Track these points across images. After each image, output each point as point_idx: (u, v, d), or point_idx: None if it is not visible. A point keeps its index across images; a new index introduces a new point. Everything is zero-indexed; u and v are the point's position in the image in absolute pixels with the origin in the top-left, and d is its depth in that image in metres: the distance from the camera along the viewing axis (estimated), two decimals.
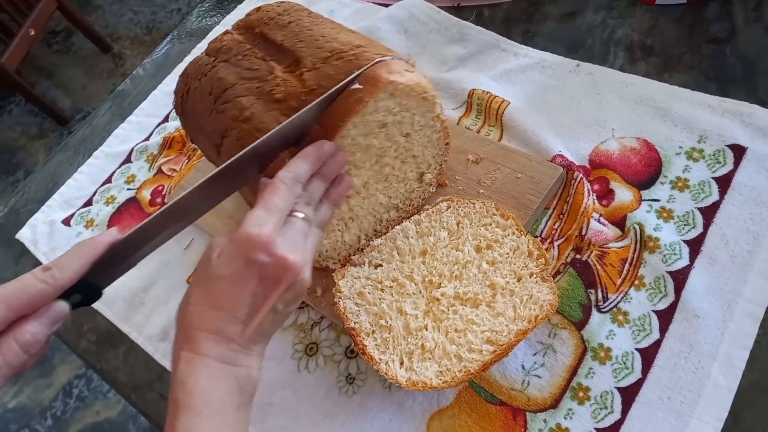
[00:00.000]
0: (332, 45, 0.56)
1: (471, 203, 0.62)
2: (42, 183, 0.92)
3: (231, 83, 0.59)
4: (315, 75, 0.55)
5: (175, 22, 2.38)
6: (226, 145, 0.58)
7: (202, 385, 0.43)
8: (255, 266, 0.44)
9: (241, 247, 0.45)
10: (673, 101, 0.68)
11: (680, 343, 0.55)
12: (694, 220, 0.60)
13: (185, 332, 0.44)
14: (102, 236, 0.47)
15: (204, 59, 0.64)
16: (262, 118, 0.55)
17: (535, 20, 0.82)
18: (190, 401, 0.42)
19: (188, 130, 0.69)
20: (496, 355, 0.52)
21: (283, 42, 0.59)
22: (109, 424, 1.61)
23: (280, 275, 0.45)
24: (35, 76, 2.49)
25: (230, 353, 0.44)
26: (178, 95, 0.67)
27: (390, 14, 0.88)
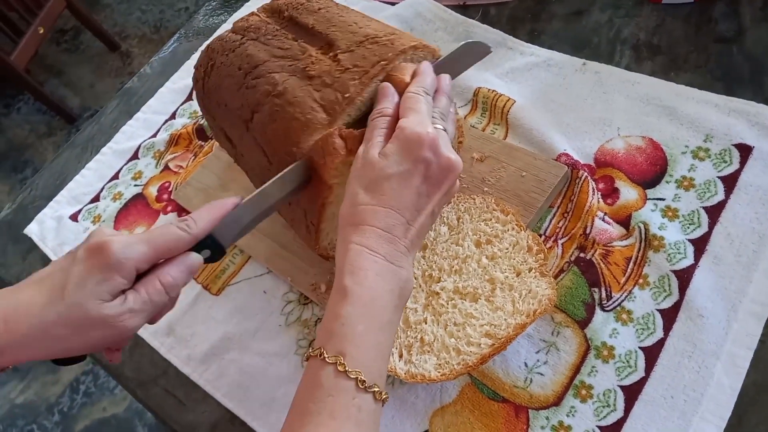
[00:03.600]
0: (366, 30, 0.57)
1: (471, 198, 0.62)
2: (50, 179, 0.93)
3: (262, 60, 0.59)
4: (350, 56, 0.55)
5: (183, 20, 2.39)
6: (257, 120, 0.57)
7: (371, 279, 0.44)
8: (422, 164, 0.47)
9: (411, 145, 0.47)
10: (679, 100, 0.67)
11: (684, 342, 0.55)
12: (699, 220, 0.60)
13: (357, 228, 0.46)
14: (227, 199, 0.51)
15: (231, 36, 0.64)
16: (295, 93, 0.55)
17: (542, 19, 0.82)
18: (359, 291, 0.43)
19: (207, 106, 0.68)
20: (495, 349, 0.53)
21: (315, 26, 0.60)
22: (116, 420, 1.62)
23: (444, 175, 0.48)
24: (44, 74, 2.50)
25: (396, 253, 0.46)
26: (199, 69, 0.66)
27: (396, 12, 0.88)
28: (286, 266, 0.69)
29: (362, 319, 0.43)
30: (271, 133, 0.56)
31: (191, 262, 0.49)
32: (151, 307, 0.47)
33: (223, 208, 0.51)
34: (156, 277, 0.47)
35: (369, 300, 0.44)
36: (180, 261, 0.48)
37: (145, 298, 0.46)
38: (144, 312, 0.47)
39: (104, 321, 0.44)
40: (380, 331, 0.44)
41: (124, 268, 0.45)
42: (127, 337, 0.48)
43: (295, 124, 0.54)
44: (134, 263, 0.46)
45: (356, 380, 0.42)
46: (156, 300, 0.47)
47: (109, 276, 0.44)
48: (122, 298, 0.45)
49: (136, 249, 0.46)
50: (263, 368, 0.65)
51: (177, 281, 0.48)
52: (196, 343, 0.69)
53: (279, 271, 0.69)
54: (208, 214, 0.50)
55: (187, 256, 0.49)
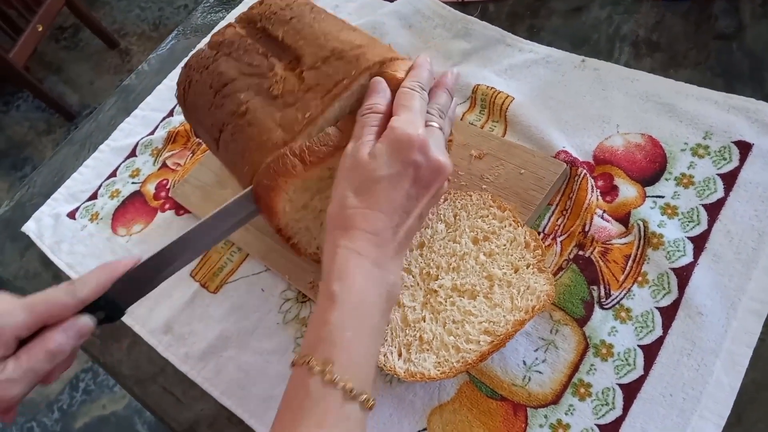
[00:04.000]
0: (333, 44, 0.56)
1: (468, 195, 0.62)
2: (48, 177, 0.93)
3: (232, 78, 0.59)
4: (315, 74, 0.55)
5: (182, 18, 2.39)
6: (222, 140, 0.58)
7: (359, 283, 0.44)
8: (412, 167, 0.46)
9: (401, 148, 0.46)
10: (678, 97, 0.67)
11: (683, 340, 0.54)
12: (698, 217, 0.60)
13: (345, 232, 0.45)
14: (124, 259, 0.50)
15: (206, 52, 0.64)
16: (256, 113, 0.55)
17: (541, 15, 0.81)
18: (347, 297, 0.43)
19: (190, 122, 0.69)
20: (494, 346, 0.52)
21: (284, 38, 0.59)
22: (116, 417, 1.62)
23: (433, 177, 0.47)
24: (43, 72, 2.50)
25: (384, 257, 0.45)
26: (180, 87, 0.67)
27: (395, 9, 0.87)
28: (283, 264, 0.69)
29: (351, 325, 0.43)
30: (231, 152, 0.56)
31: (79, 326, 0.47)
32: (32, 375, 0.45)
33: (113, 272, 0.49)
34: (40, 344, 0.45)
35: (357, 305, 0.43)
36: (68, 326, 0.46)
37: (25, 367, 0.44)
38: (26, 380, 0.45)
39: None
40: (369, 337, 0.44)
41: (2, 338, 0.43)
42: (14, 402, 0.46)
43: (251, 144, 0.54)
44: (12, 331, 0.44)
45: (345, 388, 0.41)
46: (38, 368, 0.45)
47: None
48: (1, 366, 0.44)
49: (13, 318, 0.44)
50: (261, 366, 0.65)
51: (63, 347, 0.46)
52: (193, 341, 0.69)
53: (277, 268, 0.69)
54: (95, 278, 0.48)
55: (76, 320, 0.47)
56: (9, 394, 0.44)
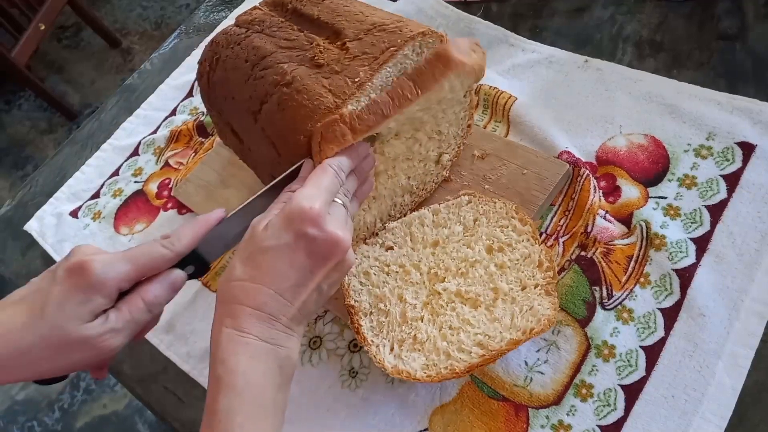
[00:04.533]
0: (372, 19, 0.57)
1: (492, 202, 0.61)
2: (50, 176, 0.93)
3: (269, 51, 0.58)
4: (358, 44, 0.55)
5: (184, 17, 2.39)
6: (265, 111, 0.57)
7: (243, 363, 0.42)
8: (304, 240, 0.44)
9: (292, 220, 0.45)
10: (681, 98, 0.67)
11: (685, 341, 0.54)
12: (701, 218, 0.60)
13: (228, 307, 0.44)
14: (211, 213, 0.51)
15: (235, 30, 0.64)
16: (304, 81, 0.54)
17: (544, 15, 0.81)
18: (232, 380, 0.41)
19: (212, 100, 0.68)
20: (484, 360, 0.52)
21: (320, 17, 0.59)
22: (116, 417, 1.62)
23: (329, 251, 0.45)
24: (45, 71, 2.50)
25: (273, 332, 0.44)
26: (204, 63, 0.66)
27: (398, 9, 0.87)
28: None
29: (240, 409, 0.41)
30: (279, 122, 0.56)
31: (174, 279, 0.48)
32: (133, 326, 0.46)
33: (206, 224, 0.50)
34: (138, 295, 0.46)
35: (244, 387, 0.42)
36: (163, 278, 0.48)
37: (127, 317, 0.45)
38: (126, 330, 0.46)
39: (85, 342, 0.44)
40: (263, 417, 0.42)
41: (106, 288, 0.44)
42: (111, 356, 0.47)
43: (302, 111, 0.53)
44: (116, 283, 0.45)
45: None
46: (138, 318, 0.46)
47: (90, 296, 0.44)
48: (104, 317, 0.45)
49: (117, 268, 0.45)
50: None
51: (159, 299, 0.47)
52: (195, 340, 0.69)
53: None
54: (191, 231, 0.49)
55: (170, 273, 0.48)
56: (111, 344, 0.45)
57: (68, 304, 0.43)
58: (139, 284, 0.47)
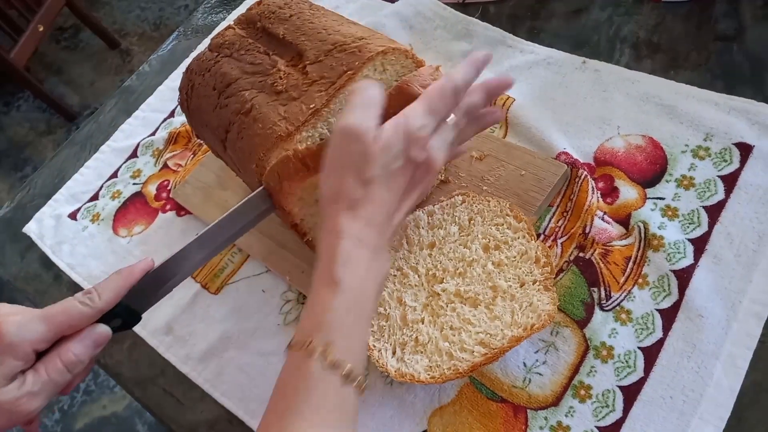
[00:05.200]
0: (335, 37, 0.56)
1: (486, 201, 0.61)
2: (48, 178, 0.93)
3: (234, 78, 0.59)
4: (318, 67, 0.55)
5: (183, 18, 2.39)
6: (229, 139, 0.58)
7: (362, 270, 0.44)
8: (411, 164, 0.47)
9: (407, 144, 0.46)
10: (679, 99, 0.67)
11: (683, 342, 0.54)
12: (699, 219, 0.60)
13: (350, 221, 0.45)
14: (138, 264, 0.50)
15: (207, 54, 0.64)
16: (261, 109, 0.55)
17: (541, 17, 0.81)
18: (352, 283, 0.43)
19: (194, 127, 0.69)
20: (487, 358, 0.52)
21: (285, 35, 0.59)
22: (116, 418, 1.62)
23: (425, 174, 0.48)
24: (43, 72, 2.50)
25: (381, 246, 0.46)
26: (182, 92, 0.67)
27: (396, 10, 0.87)
28: (284, 265, 0.69)
29: (352, 311, 0.43)
30: (239, 151, 0.56)
31: (96, 335, 0.47)
32: (51, 387, 0.45)
33: (130, 278, 0.49)
34: (57, 355, 0.45)
35: (359, 292, 0.44)
36: (84, 336, 0.47)
37: (44, 379, 0.44)
38: (45, 392, 0.45)
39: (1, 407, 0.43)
40: (366, 323, 0.45)
41: (19, 351, 0.43)
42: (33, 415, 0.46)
43: (256, 140, 0.54)
44: (30, 344, 0.44)
45: (342, 372, 0.41)
46: (57, 379, 0.45)
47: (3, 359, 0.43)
48: (20, 380, 0.44)
49: (32, 329, 0.44)
50: (262, 367, 0.65)
51: (80, 358, 0.46)
52: (194, 342, 0.69)
53: (277, 269, 0.69)
54: (114, 285, 0.48)
55: (92, 329, 0.47)
56: (30, 408, 0.44)
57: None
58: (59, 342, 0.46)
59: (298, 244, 0.68)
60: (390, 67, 0.56)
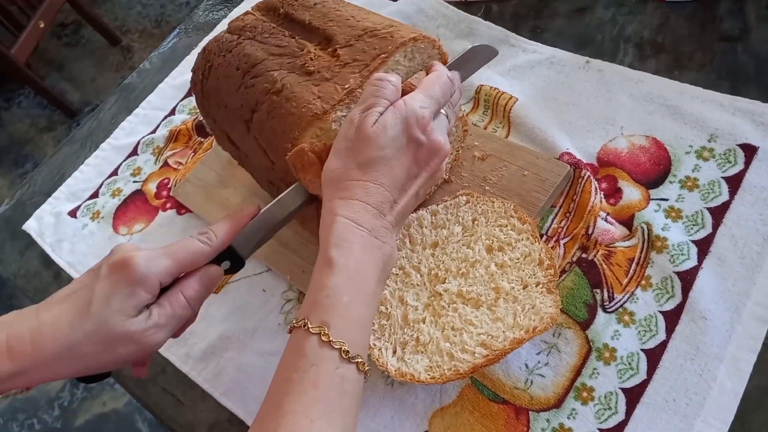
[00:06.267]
0: (364, 24, 0.57)
1: (490, 201, 0.61)
2: (48, 175, 0.93)
3: (260, 59, 0.58)
4: (349, 51, 0.55)
5: (184, 15, 2.38)
6: (256, 119, 0.57)
7: (356, 252, 0.45)
8: (414, 144, 0.48)
9: (409, 125, 0.47)
10: (683, 99, 0.67)
11: (686, 344, 0.54)
12: (703, 221, 0.59)
13: (345, 202, 0.46)
14: (244, 208, 0.52)
15: (227, 36, 0.64)
16: (293, 89, 0.54)
17: (545, 16, 0.81)
18: (345, 262, 0.44)
19: (206, 108, 0.68)
20: (488, 360, 0.52)
21: (312, 21, 0.59)
22: (116, 415, 1.62)
23: (431, 157, 0.49)
24: (44, 68, 2.49)
25: (381, 229, 0.46)
26: (197, 71, 0.66)
27: (399, 9, 0.87)
28: (285, 264, 0.68)
29: (347, 291, 0.44)
30: (269, 131, 0.56)
31: (212, 275, 0.49)
32: (175, 321, 0.47)
33: (241, 219, 0.51)
34: (179, 290, 0.48)
35: (354, 272, 0.44)
36: (201, 274, 0.49)
37: (169, 312, 0.47)
38: (169, 326, 0.47)
39: (131, 337, 0.45)
40: (364, 304, 0.45)
41: (149, 283, 0.45)
42: (153, 352, 0.48)
43: (290, 119, 0.53)
44: (158, 277, 0.46)
45: (340, 350, 0.42)
46: (180, 313, 0.47)
47: (134, 291, 0.45)
48: (147, 313, 0.46)
49: (159, 263, 0.46)
50: (262, 367, 0.65)
51: (200, 294, 0.49)
52: (194, 341, 0.69)
53: (278, 269, 0.69)
54: (227, 226, 0.50)
55: (208, 269, 0.49)
56: (155, 340, 0.46)
57: (113, 299, 0.44)
58: (178, 280, 0.48)
59: (300, 243, 0.68)
60: (418, 55, 0.57)
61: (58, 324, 0.44)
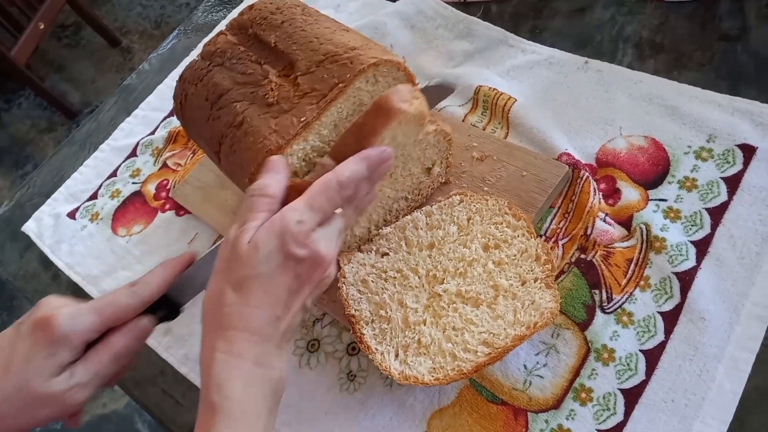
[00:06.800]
0: (326, 47, 0.56)
1: (484, 200, 0.61)
2: (48, 176, 0.93)
3: (226, 89, 0.58)
4: (309, 79, 0.54)
5: (184, 16, 2.38)
6: (223, 151, 0.57)
7: (240, 389, 0.41)
8: (293, 261, 0.43)
9: (284, 242, 0.43)
10: (682, 99, 0.66)
11: (685, 345, 0.54)
12: (701, 221, 0.59)
13: (221, 333, 0.42)
14: (181, 257, 0.51)
15: (199, 63, 0.64)
16: (252, 122, 0.54)
17: (544, 16, 0.81)
18: (229, 407, 0.40)
19: (190, 136, 0.69)
20: (491, 358, 0.52)
21: (277, 44, 0.58)
22: (116, 416, 1.62)
23: (313, 270, 0.44)
24: (45, 69, 2.50)
25: (266, 354, 0.43)
26: (176, 101, 0.66)
27: (397, 9, 0.87)
28: None
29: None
30: (232, 164, 0.56)
31: (142, 328, 0.48)
32: (100, 378, 0.46)
33: (175, 269, 0.50)
34: (105, 347, 0.46)
35: (240, 415, 0.41)
36: (130, 328, 0.48)
37: (93, 370, 0.45)
38: (94, 383, 0.46)
39: (52, 397, 0.43)
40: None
41: (71, 342, 0.44)
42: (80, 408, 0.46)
43: (248, 154, 0.53)
44: (80, 336, 0.45)
45: None
46: (104, 371, 0.46)
47: (55, 351, 0.44)
48: (69, 372, 0.44)
49: (82, 321, 0.45)
50: None
51: (128, 349, 0.47)
52: (193, 342, 0.69)
53: None
54: (159, 277, 0.49)
55: (138, 321, 0.48)
56: (79, 398, 0.45)
57: (33, 360, 0.43)
58: (107, 333, 0.47)
59: None
60: (382, 78, 0.56)
61: None
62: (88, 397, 0.46)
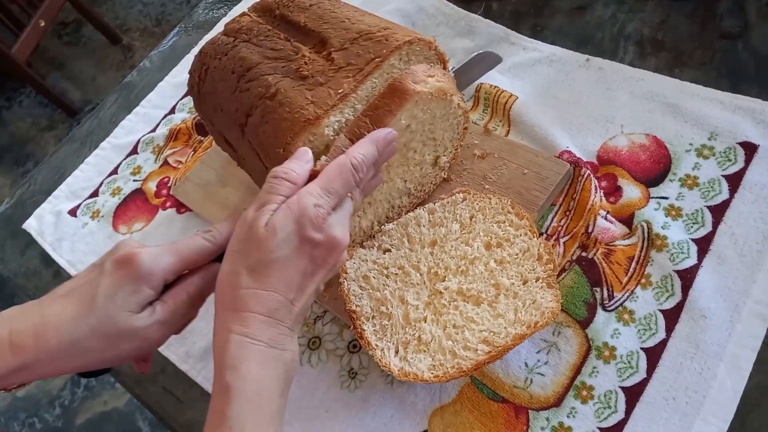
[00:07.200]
0: (359, 26, 0.57)
1: (487, 198, 0.61)
2: (49, 174, 0.93)
3: (255, 62, 0.58)
4: (343, 54, 0.55)
5: (185, 13, 2.38)
6: (250, 123, 0.57)
7: (254, 371, 0.42)
8: (309, 244, 0.44)
9: (301, 225, 0.44)
10: (683, 97, 0.66)
11: (686, 343, 0.54)
12: (703, 219, 0.59)
13: (236, 315, 0.43)
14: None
15: (223, 39, 0.64)
16: (287, 94, 0.54)
17: (545, 14, 0.81)
18: (243, 388, 0.41)
19: (204, 111, 0.68)
20: (491, 357, 0.52)
21: (307, 23, 0.59)
22: (117, 414, 1.62)
23: (328, 254, 0.46)
24: (45, 67, 2.50)
25: (279, 336, 0.44)
26: (194, 74, 0.66)
27: (398, 7, 0.87)
28: None
29: (250, 417, 0.41)
30: (262, 135, 0.56)
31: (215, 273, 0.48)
32: (177, 318, 0.47)
33: None
34: (183, 288, 0.47)
35: (255, 395, 0.41)
36: (205, 271, 0.49)
37: (172, 309, 0.46)
38: (171, 323, 0.47)
39: (134, 333, 0.44)
40: (269, 423, 0.42)
41: (153, 280, 0.45)
42: (155, 348, 0.48)
43: (283, 124, 0.53)
44: (162, 274, 0.46)
45: None
46: (182, 311, 0.47)
47: (139, 288, 0.45)
48: (151, 309, 0.46)
49: (163, 260, 0.46)
50: None
51: (202, 292, 0.48)
52: (194, 339, 0.69)
53: None
54: (231, 224, 0.49)
55: (211, 266, 0.49)
56: (158, 336, 0.46)
57: (118, 295, 0.44)
58: (181, 278, 0.48)
59: None
60: (414, 57, 0.57)
61: (62, 319, 0.44)
62: (165, 337, 0.47)
